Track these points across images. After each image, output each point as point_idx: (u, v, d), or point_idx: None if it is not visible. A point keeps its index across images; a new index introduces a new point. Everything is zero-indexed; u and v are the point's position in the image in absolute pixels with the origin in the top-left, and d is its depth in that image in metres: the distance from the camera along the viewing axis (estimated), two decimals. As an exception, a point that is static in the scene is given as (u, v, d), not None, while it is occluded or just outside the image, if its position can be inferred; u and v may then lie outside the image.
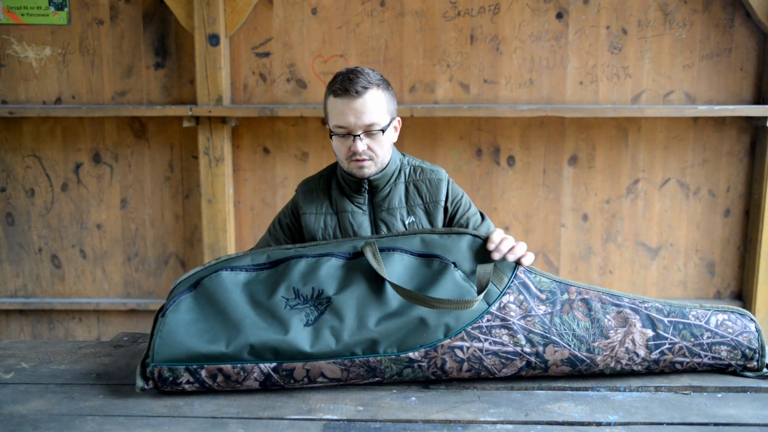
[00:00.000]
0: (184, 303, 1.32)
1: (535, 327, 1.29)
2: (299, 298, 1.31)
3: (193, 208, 3.17)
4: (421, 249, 1.38)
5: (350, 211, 1.69)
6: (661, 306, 1.34)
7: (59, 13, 3.02)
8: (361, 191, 1.68)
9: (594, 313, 1.31)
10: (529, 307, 1.30)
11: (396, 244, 1.39)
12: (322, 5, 3.00)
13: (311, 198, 1.72)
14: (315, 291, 1.32)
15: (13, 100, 3.09)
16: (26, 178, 3.17)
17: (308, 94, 3.06)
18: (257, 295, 1.32)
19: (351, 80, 1.56)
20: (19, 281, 3.26)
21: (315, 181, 1.76)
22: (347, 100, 1.55)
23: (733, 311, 1.36)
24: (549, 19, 3.00)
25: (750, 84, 3.03)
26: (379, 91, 1.58)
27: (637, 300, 1.34)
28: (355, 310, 1.29)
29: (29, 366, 1.42)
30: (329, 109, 1.61)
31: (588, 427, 1.15)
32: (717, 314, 1.35)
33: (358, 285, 1.32)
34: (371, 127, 1.57)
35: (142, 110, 2.98)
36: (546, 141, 3.09)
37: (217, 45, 2.92)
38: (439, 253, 1.37)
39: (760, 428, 1.15)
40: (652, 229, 3.17)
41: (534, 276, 1.35)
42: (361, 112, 1.55)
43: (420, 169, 1.73)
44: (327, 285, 1.33)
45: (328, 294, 1.31)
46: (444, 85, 3.05)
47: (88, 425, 1.15)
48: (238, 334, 1.25)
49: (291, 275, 1.34)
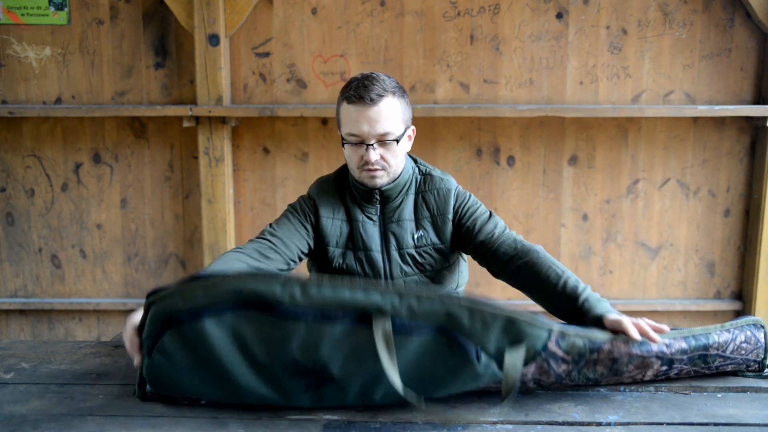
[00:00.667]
0: (168, 344, 1.15)
1: (548, 378, 1.22)
2: (298, 368, 1.15)
3: (193, 208, 3.17)
4: (445, 325, 1.13)
5: (361, 221, 1.64)
6: (686, 346, 1.25)
7: (59, 13, 3.02)
8: (372, 201, 1.63)
9: (617, 366, 1.23)
10: (548, 368, 1.21)
11: (417, 320, 1.13)
12: (322, 5, 3.00)
13: (328, 202, 1.66)
14: (317, 364, 1.14)
15: (13, 100, 3.09)
16: (26, 178, 3.17)
17: (308, 94, 3.06)
18: (251, 349, 1.14)
19: (366, 87, 1.50)
20: (19, 281, 3.26)
21: (330, 185, 1.69)
22: (361, 107, 1.50)
23: (750, 325, 1.31)
24: (549, 19, 3.00)
25: (750, 84, 3.03)
26: (395, 99, 1.53)
27: (667, 342, 1.24)
28: (360, 386, 1.17)
29: (29, 366, 1.42)
30: (342, 116, 1.56)
31: (588, 427, 1.15)
32: (737, 337, 1.29)
33: (366, 365, 1.13)
34: (385, 137, 1.52)
35: (142, 110, 2.98)
36: (546, 141, 3.09)
37: (217, 45, 2.92)
38: (463, 337, 1.14)
39: (760, 428, 1.15)
40: (652, 229, 3.17)
41: (566, 341, 1.19)
42: (376, 121, 1.50)
43: (430, 177, 1.68)
44: (330, 361, 1.14)
45: (332, 372, 1.15)
46: (444, 85, 3.05)
47: (88, 425, 1.15)
48: (236, 390, 1.17)
49: (289, 345, 1.13)
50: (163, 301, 1.13)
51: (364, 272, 1.67)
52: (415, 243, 1.66)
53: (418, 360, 1.14)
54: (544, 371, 1.21)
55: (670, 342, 1.24)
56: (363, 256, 1.66)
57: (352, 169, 1.60)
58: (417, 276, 1.68)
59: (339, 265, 1.68)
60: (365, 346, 1.12)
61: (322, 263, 1.72)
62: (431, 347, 1.13)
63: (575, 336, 1.19)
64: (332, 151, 3.10)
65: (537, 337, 1.16)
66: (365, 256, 1.66)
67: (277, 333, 1.12)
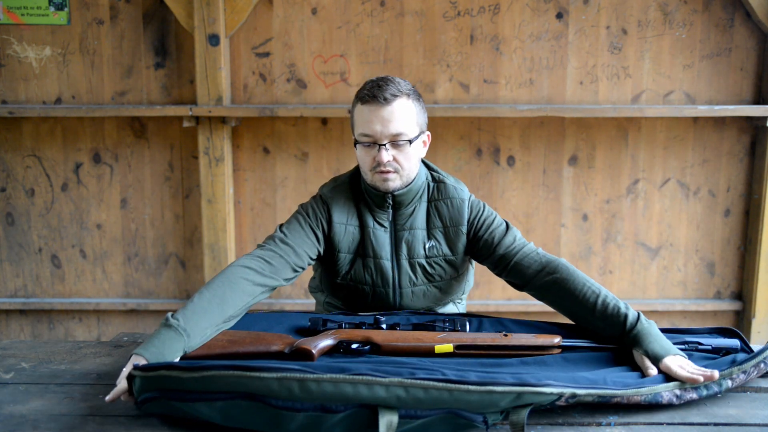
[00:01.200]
0: (157, 404, 1.14)
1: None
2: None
3: (193, 208, 3.17)
4: (453, 407, 1.09)
5: (372, 227, 1.62)
6: (697, 396, 1.21)
7: (59, 13, 3.02)
8: (384, 207, 1.60)
9: (620, 407, 1.21)
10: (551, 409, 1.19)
11: (424, 410, 1.08)
12: (322, 5, 3.00)
13: (342, 206, 1.62)
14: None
15: (13, 100, 3.09)
16: (26, 178, 3.17)
17: (308, 94, 3.06)
18: (246, 424, 1.11)
19: (380, 87, 1.50)
20: (19, 281, 3.26)
21: (344, 187, 1.65)
22: (375, 107, 1.49)
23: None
24: (549, 19, 3.00)
25: (750, 84, 3.03)
26: (409, 101, 1.52)
27: (678, 394, 1.20)
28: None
29: (29, 366, 1.42)
30: (356, 117, 1.55)
31: (588, 427, 1.15)
32: (752, 374, 1.27)
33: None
34: (398, 137, 1.50)
35: (142, 110, 2.98)
36: (546, 141, 3.09)
37: (217, 45, 2.92)
38: (467, 413, 1.09)
39: (760, 428, 1.15)
40: (652, 229, 3.17)
41: (575, 399, 1.15)
42: (389, 121, 1.49)
43: (443, 185, 1.64)
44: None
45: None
46: (444, 85, 3.05)
47: (88, 425, 1.15)
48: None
49: (286, 427, 1.09)
50: (155, 374, 1.12)
51: (372, 280, 1.64)
52: (426, 253, 1.63)
53: (423, 430, 1.10)
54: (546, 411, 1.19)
55: (681, 394, 1.20)
56: (372, 264, 1.63)
57: (364, 172, 1.58)
58: (425, 286, 1.65)
59: (346, 271, 1.65)
60: (367, 427, 1.08)
61: (330, 268, 1.68)
62: (436, 421, 1.09)
63: (587, 395, 1.15)
64: (332, 151, 3.11)
65: (545, 400, 1.12)
66: (374, 264, 1.63)
67: (274, 419, 1.09)
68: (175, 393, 1.11)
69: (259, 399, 1.07)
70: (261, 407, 1.08)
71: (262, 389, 1.07)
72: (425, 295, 1.67)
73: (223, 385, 1.08)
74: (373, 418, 1.06)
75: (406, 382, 1.06)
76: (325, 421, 1.07)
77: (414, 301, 1.66)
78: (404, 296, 1.65)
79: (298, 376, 1.06)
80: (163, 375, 1.11)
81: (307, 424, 1.08)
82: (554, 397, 1.12)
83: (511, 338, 1.37)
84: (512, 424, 1.09)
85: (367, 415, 1.07)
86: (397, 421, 1.06)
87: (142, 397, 1.13)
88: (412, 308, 1.66)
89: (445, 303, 1.74)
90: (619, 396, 1.17)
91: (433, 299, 1.69)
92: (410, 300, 1.65)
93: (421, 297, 1.66)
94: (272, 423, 1.09)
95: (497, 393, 1.08)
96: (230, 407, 1.09)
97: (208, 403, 1.09)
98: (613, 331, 1.37)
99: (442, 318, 1.49)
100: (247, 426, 1.10)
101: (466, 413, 1.08)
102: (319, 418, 1.07)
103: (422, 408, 1.08)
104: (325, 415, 1.07)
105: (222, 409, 1.09)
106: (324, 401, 1.07)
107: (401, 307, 1.65)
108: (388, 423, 1.06)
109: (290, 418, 1.07)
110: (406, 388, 1.06)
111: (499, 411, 1.11)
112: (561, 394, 1.13)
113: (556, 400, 1.13)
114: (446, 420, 1.09)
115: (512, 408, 1.10)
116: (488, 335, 1.38)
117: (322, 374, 1.06)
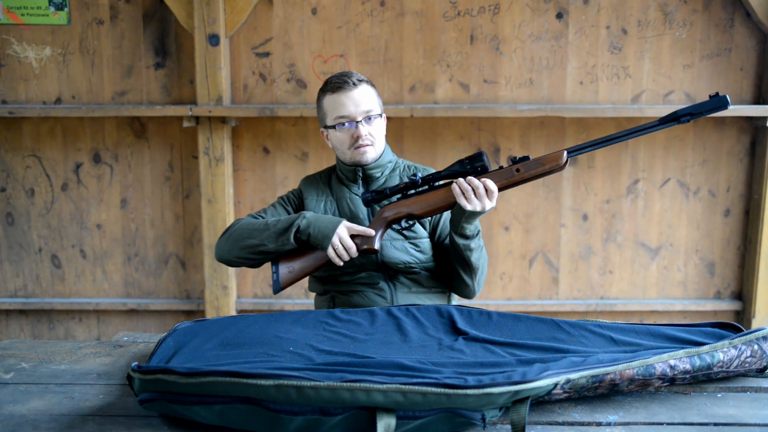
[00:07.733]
0: (155, 405, 1.16)
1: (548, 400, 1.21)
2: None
3: (193, 208, 3.17)
4: (451, 407, 1.10)
5: (348, 197, 1.82)
6: (690, 367, 1.23)
7: (59, 13, 3.02)
8: (356, 179, 1.82)
9: (618, 388, 1.21)
10: (548, 399, 1.20)
11: (422, 411, 1.10)
12: (322, 5, 3.00)
13: (313, 187, 1.88)
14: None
15: (13, 100, 3.09)
16: (26, 178, 3.17)
17: (308, 94, 3.06)
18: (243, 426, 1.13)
19: (345, 76, 1.75)
20: (19, 281, 3.26)
21: (315, 176, 1.92)
22: (345, 91, 1.73)
23: (760, 338, 1.28)
24: (549, 19, 3.00)
25: (750, 84, 3.03)
26: (369, 86, 1.78)
27: (672, 364, 1.22)
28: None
29: (29, 366, 1.42)
30: (327, 107, 1.77)
31: (588, 427, 1.15)
32: (744, 353, 1.27)
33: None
34: (370, 113, 1.74)
35: (142, 110, 2.98)
36: (546, 141, 3.09)
37: (217, 45, 2.92)
38: (465, 411, 1.10)
39: (760, 428, 1.15)
40: (652, 229, 3.17)
41: (570, 384, 1.16)
42: (360, 101, 1.73)
43: (414, 167, 1.88)
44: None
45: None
46: (444, 85, 3.05)
47: (88, 425, 1.15)
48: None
49: (285, 429, 1.10)
50: (153, 377, 1.13)
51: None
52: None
53: (422, 429, 1.11)
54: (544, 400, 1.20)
55: (675, 363, 1.22)
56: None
57: (342, 152, 1.79)
58: (402, 241, 1.79)
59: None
60: (366, 429, 1.09)
61: None
62: (434, 421, 1.10)
63: (580, 377, 1.16)
64: (332, 151, 3.09)
65: (542, 391, 1.14)
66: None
67: (272, 422, 1.10)
68: (173, 395, 1.12)
69: (256, 403, 1.09)
70: (259, 411, 1.09)
71: (260, 394, 1.08)
72: (405, 251, 1.79)
73: (220, 389, 1.10)
74: (372, 420, 1.08)
75: (404, 388, 1.07)
76: (323, 424, 1.09)
77: (396, 255, 1.77)
78: (384, 248, 1.76)
79: (295, 383, 1.07)
80: (160, 379, 1.12)
81: (306, 427, 1.09)
82: (550, 386, 1.13)
83: (523, 171, 1.62)
84: (513, 423, 1.10)
85: (366, 417, 1.09)
86: (395, 423, 1.08)
87: (142, 397, 1.14)
88: (395, 262, 1.77)
89: (425, 263, 1.81)
90: (611, 372, 1.18)
91: (413, 255, 1.79)
92: (392, 254, 1.77)
93: (401, 251, 1.78)
94: (270, 425, 1.10)
95: (494, 394, 1.10)
96: (228, 410, 1.10)
97: (206, 406, 1.11)
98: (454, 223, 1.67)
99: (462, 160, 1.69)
100: (246, 428, 1.12)
101: (463, 411, 1.10)
102: (317, 421, 1.09)
103: (420, 410, 1.09)
104: (323, 418, 1.08)
105: (220, 413, 1.11)
106: (322, 405, 1.08)
107: (384, 262, 1.78)
108: (386, 425, 1.07)
109: (288, 421, 1.09)
110: (404, 394, 1.07)
111: (497, 407, 1.13)
112: (556, 382, 1.14)
113: (552, 389, 1.14)
114: (444, 419, 1.10)
115: (510, 403, 1.12)
116: (504, 173, 1.63)
117: (319, 381, 1.07)
